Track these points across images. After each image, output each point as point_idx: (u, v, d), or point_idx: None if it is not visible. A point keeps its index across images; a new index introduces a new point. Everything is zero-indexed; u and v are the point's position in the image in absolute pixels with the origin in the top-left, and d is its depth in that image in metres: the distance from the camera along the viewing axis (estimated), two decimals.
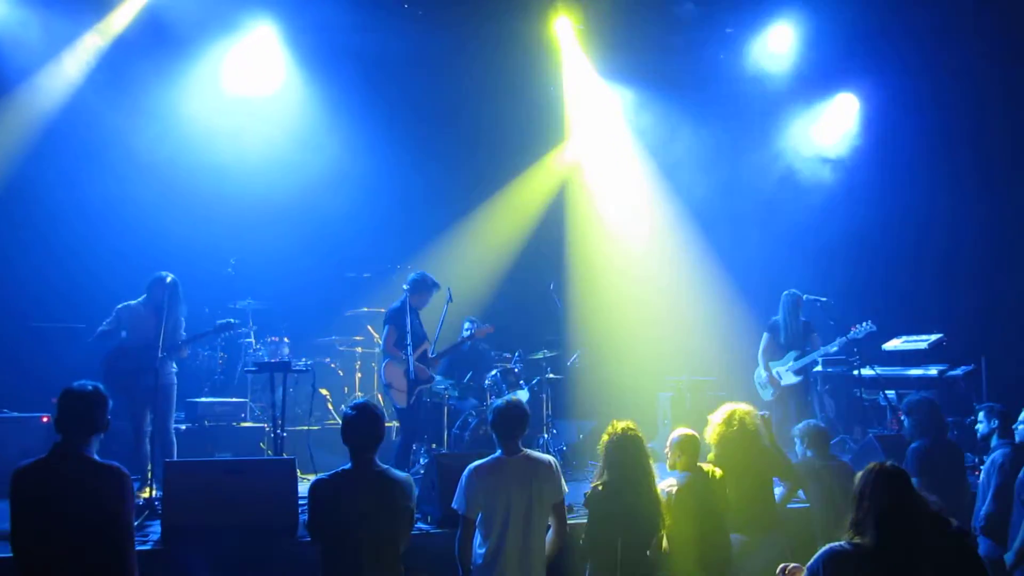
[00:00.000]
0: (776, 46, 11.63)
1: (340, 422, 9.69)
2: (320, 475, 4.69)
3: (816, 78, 11.81)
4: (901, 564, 3.68)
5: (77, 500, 4.12)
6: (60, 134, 9.82)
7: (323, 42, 10.86)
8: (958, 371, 9.57)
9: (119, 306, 7.86)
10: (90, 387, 4.37)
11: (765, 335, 9.93)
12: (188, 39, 10.38)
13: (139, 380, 7.37)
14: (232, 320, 8.35)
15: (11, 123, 9.68)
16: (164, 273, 7.85)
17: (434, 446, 9.27)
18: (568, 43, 11.70)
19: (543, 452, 6.09)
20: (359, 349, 10.80)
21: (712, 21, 11.50)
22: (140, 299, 7.90)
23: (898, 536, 3.71)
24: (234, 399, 9.75)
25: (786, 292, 9.89)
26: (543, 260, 11.53)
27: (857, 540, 3.75)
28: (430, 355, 8.45)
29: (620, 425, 5.41)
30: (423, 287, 8.46)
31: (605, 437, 5.47)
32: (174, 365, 7.98)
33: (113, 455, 4.56)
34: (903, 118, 11.28)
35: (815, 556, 3.82)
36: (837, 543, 3.80)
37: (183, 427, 8.79)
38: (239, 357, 10.36)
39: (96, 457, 4.29)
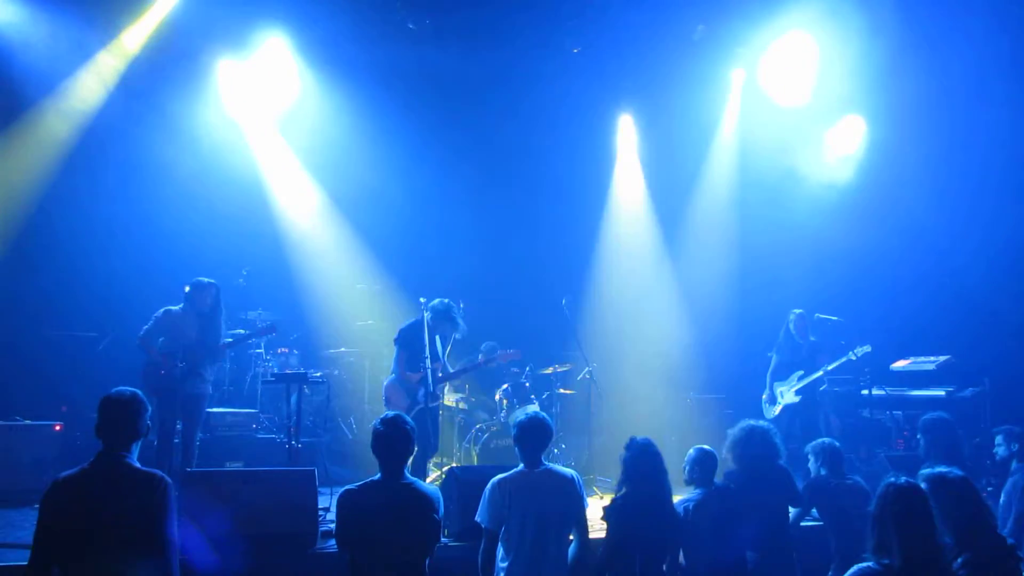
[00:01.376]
0: (784, 66, 11.69)
1: (348, 435, 9.93)
2: (349, 486, 4.71)
3: (824, 99, 11.88)
4: None
5: (119, 509, 4.09)
6: (78, 148, 9.88)
7: (335, 54, 10.90)
8: (966, 392, 9.62)
9: (160, 311, 7.83)
10: (129, 393, 4.36)
11: (774, 356, 10.01)
12: (198, 52, 10.47)
13: (175, 387, 7.38)
14: (272, 322, 8.41)
15: (33, 139, 9.76)
16: (206, 279, 7.91)
17: (444, 459, 9.33)
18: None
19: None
20: (367, 362, 10.83)
21: (721, 40, 11.60)
22: (180, 305, 7.89)
23: (923, 555, 3.74)
24: (246, 409, 9.77)
25: (793, 312, 9.97)
26: (556, 274, 11.57)
27: (886, 561, 3.77)
28: (439, 373, 8.44)
29: (639, 440, 5.46)
30: (445, 318, 8.43)
31: (624, 452, 5.51)
32: (210, 375, 8.02)
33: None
34: (910, 140, 11.34)
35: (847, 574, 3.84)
36: (866, 564, 3.82)
37: (199, 438, 8.78)
38: (248, 368, 10.39)
39: (137, 464, 4.28)
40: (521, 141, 11.78)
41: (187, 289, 7.86)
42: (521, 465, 5.20)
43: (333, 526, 4.86)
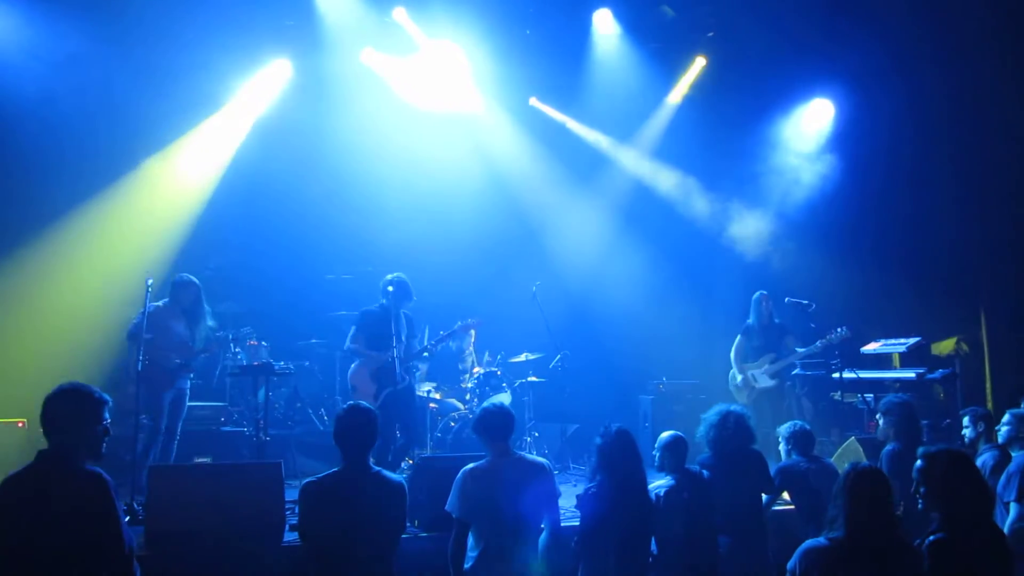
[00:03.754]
0: (754, 50, 11.68)
1: (319, 426, 9.83)
2: (311, 477, 4.63)
3: (793, 81, 11.89)
4: (872, 557, 3.81)
5: (60, 511, 3.84)
6: None
7: None
8: (936, 374, 9.67)
9: (148, 307, 7.57)
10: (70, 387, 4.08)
11: (739, 337, 10.02)
12: None
13: (169, 382, 7.37)
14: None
15: None
16: (188, 276, 7.96)
17: (416, 449, 9.25)
18: None
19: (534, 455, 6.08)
20: (338, 352, 10.70)
21: (692, 25, 11.58)
22: (163, 301, 7.89)
23: (868, 530, 3.85)
24: (213, 403, 9.64)
25: (757, 294, 9.98)
26: (525, 260, 11.50)
27: (832, 535, 3.88)
28: (402, 355, 8.35)
29: (613, 428, 5.40)
30: (403, 290, 8.41)
31: (597, 439, 5.46)
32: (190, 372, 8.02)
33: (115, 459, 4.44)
34: (878, 121, 11.38)
35: (795, 553, 3.95)
36: (814, 539, 3.96)
37: None
38: (217, 361, 10.24)
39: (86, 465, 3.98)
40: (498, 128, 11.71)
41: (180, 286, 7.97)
42: (491, 454, 5.14)
43: None
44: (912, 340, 9.99)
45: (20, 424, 8.29)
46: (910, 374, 9.75)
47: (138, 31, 9.59)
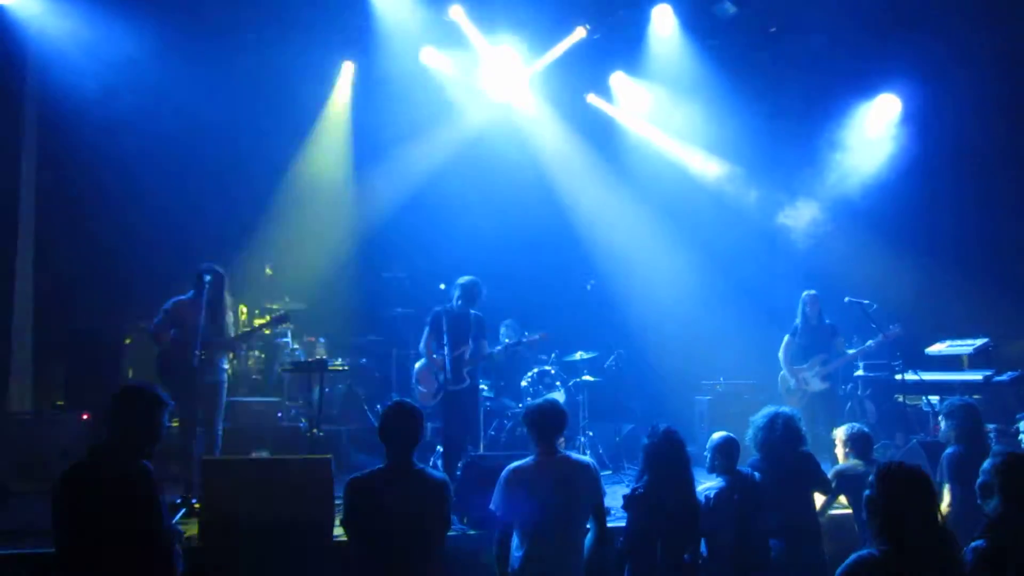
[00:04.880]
0: (817, 44, 11.45)
1: (373, 422, 9.92)
2: (356, 473, 4.66)
3: (858, 77, 11.64)
4: (925, 569, 3.57)
5: (111, 504, 4.08)
6: None
7: None
8: (1004, 377, 9.35)
9: (168, 303, 7.70)
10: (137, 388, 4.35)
11: (786, 338, 9.83)
12: None
13: (192, 376, 7.21)
14: (286, 311, 8.37)
15: None
16: (211, 264, 7.73)
17: (470, 448, 9.27)
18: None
19: (581, 454, 6.04)
20: (395, 350, 10.79)
21: (753, 22, 11.38)
22: (188, 294, 7.68)
23: (917, 542, 3.59)
24: (270, 398, 9.78)
25: (804, 294, 9.78)
26: (582, 258, 11.45)
27: (884, 547, 3.63)
28: (467, 357, 8.38)
29: (661, 427, 5.34)
30: (473, 293, 8.40)
31: (645, 439, 5.40)
32: (226, 363, 7.94)
33: (161, 454, 4.55)
34: (947, 117, 11.08)
35: (844, 564, 3.71)
36: (865, 550, 3.70)
37: (221, 427, 8.80)
38: (276, 357, 10.41)
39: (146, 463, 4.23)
40: (545, 122, 11.68)
41: (205, 277, 7.74)
42: (536, 452, 5.11)
43: None
44: (980, 341, 9.69)
45: (84, 416, 8.54)
46: (977, 376, 9.44)
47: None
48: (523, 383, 9.80)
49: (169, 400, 4.39)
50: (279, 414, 9.59)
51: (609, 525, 5.26)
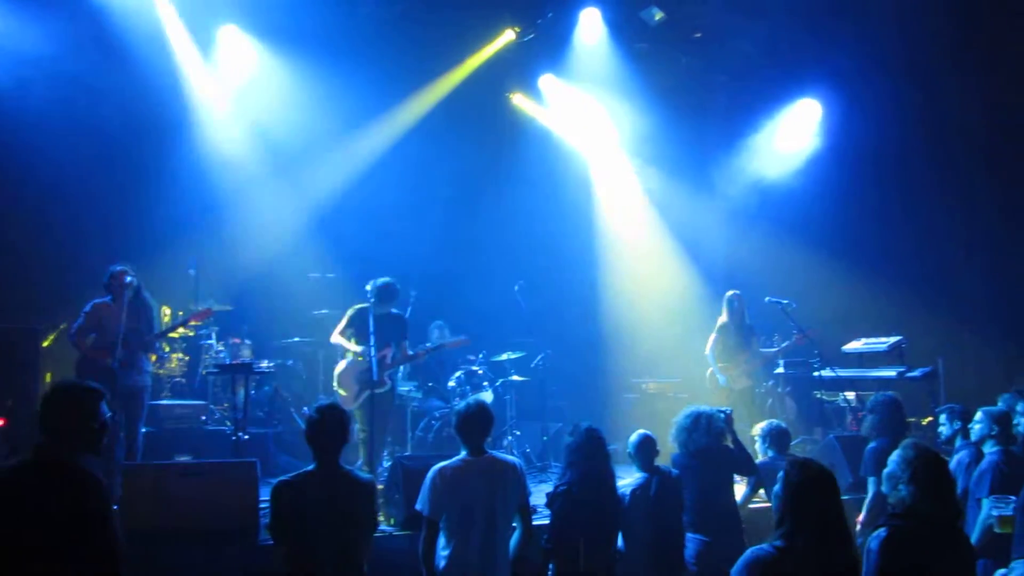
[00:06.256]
0: (740, 50, 11.70)
1: (301, 425, 9.82)
2: (283, 477, 4.63)
3: (779, 82, 11.93)
4: (819, 568, 3.56)
5: (51, 509, 3.77)
6: None
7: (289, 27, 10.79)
8: (916, 373, 9.70)
9: (88, 306, 7.57)
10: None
11: (713, 335, 10.05)
12: None
13: (113, 380, 7.01)
14: (209, 308, 8.25)
15: None
16: (124, 266, 7.60)
17: (397, 448, 9.26)
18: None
19: (508, 454, 6.09)
20: (321, 351, 10.70)
21: (679, 27, 11.58)
22: (107, 297, 7.58)
23: (812, 541, 3.56)
24: (195, 401, 9.62)
25: (729, 293, 10.01)
26: (509, 260, 11.51)
27: (779, 543, 3.60)
28: (388, 360, 8.35)
29: (583, 426, 5.43)
30: (387, 293, 8.39)
31: (568, 437, 5.49)
32: (149, 366, 7.83)
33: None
34: (864, 123, 11.42)
35: (739, 560, 3.65)
36: (759, 547, 3.66)
37: (142, 431, 8.63)
38: (199, 359, 10.23)
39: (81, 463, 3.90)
40: (473, 123, 11.70)
41: (126, 279, 7.57)
42: (464, 453, 5.14)
43: None
44: (893, 339, 10.02)
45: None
46: (891, 372, 9.78)
47: None
48: (451, 383, 9.82)
49: (101, 388, 4.10)
50: (203, 417, 9.43)
51: (535, 523, 5.32)
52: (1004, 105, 10.28)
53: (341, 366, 8.57)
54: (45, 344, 9.53)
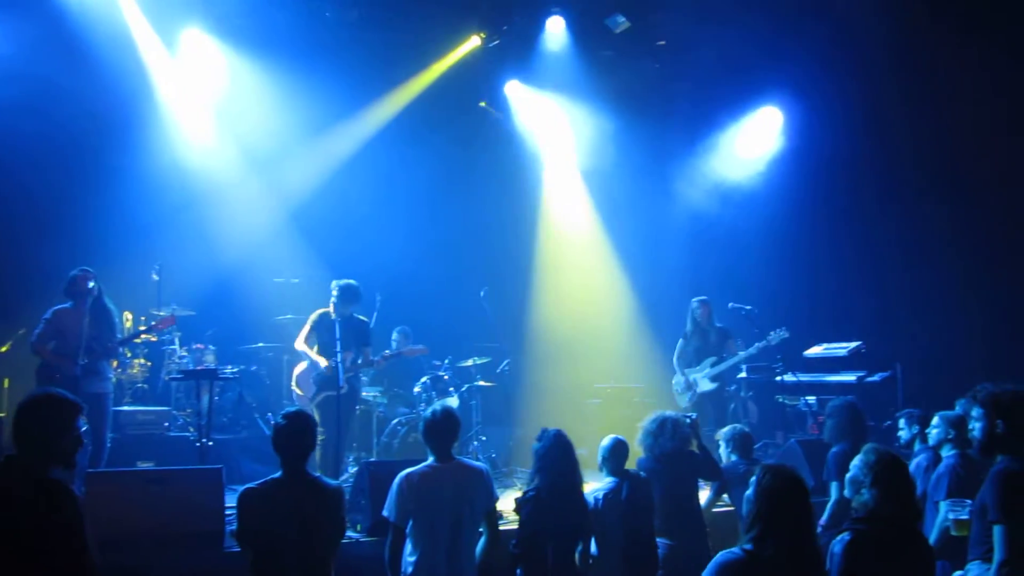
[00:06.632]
0: (703, 58, 11.82)
1: (265, 431, 9.77)
2: (250, 484, 4.61)
3: (741, 90, 12.07)
4: (790, 571, 3.63)
5: (21, 520, 3.72)
6: None
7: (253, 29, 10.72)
8: (875, 377, 9.87)
9: (48, 312, 7.46)
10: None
11: (680, 342, 10.16)
12: None
13: (75, 388, 6.77)
14: (172, 316, 8.17)
15: None
16: (85, 271, 7.52)
17: (362, 454, 9.23)
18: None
19: (474, 459, 6.11)
20: (286, 356, 10.63)
21: (643, 35, 11.68)
22: (68, 303, 7.48)
23: (783, 545, 3.62)
24: (158, 408, 9.52)
25: (694, 299, 10.13)
26: (474, 266, 11.54)
27: (749, 547, 3.66)
28: (348, 364, 8.31)
29: (551, 431, 5.47)
30: (349, 295, 8.37)
31: (535, 443, 5.52)
32: (112, 372, 7.75)
33: None
34: (823, 130, 11.59)
35: (710, 564, 3.69)
36: (729, 551, 3.71)
37: (109, 437, 8.52)
38: (162, 365, 10.13)
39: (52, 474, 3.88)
40: (440, 129, 11.71)
41: (87, 283, 7.47)
42: (431, 459, 5.15)
43: None
44: (853, 344, 10.19)
45: None
46: (851, 377, 9.95)
47: None
48: (416, 389, 9.81)
49: (80, 403, 4.09)
50: (166, 423, 9.34)
51: (502, 528, 5.34)
52: (950, 112, 10.47)
53: (301, 367, 8.63)
54: (3, 350, 9.40)
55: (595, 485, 5.86)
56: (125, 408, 9.21)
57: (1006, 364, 8.98)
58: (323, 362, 8.23)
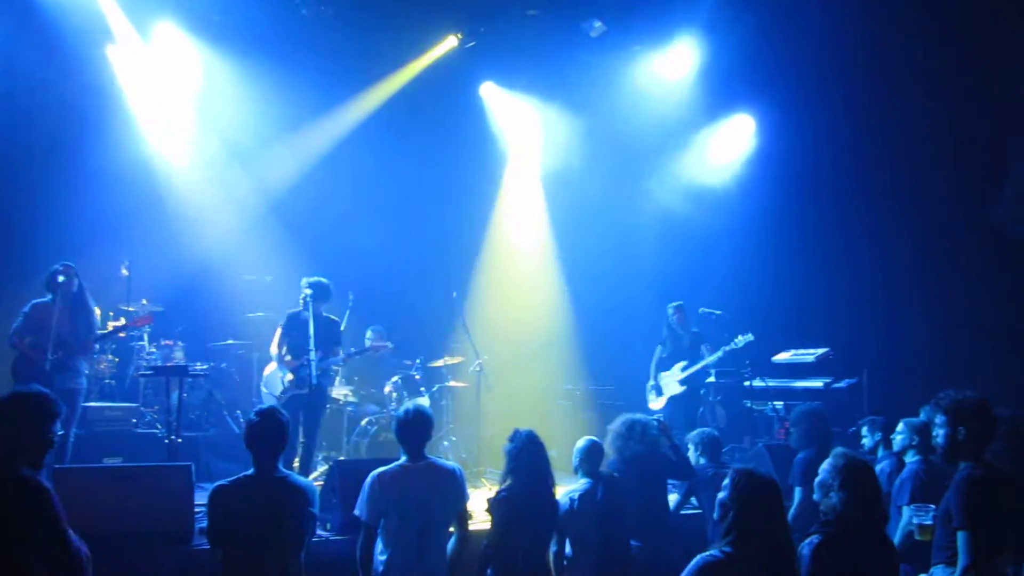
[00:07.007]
0: (678, 64, 11.91)
1: (235, 429, 9.72)
2: (221, 481, 4.60)
3: (714, 97, 12.16)
4: (766, 572, 3.73)
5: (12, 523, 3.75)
6: None
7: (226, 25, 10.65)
8: (842, 383, 10.00)
9: (27, 306, 7.40)
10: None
11: (658, 348, 10.26)
12: None
13: (47, 382, 6.67)
14: (150, 315, 8.11)
15: None
16: (67, 266, 7.47)
17: (332, 453, 9.21)
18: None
19: (446, 459, 6.12)
20: (256, 354, 10.58)
21: (619, 39, 11.73)
22: (47, 297, 7.43)
23: (759, 546, 3.75)
24: (125, 404, 9.44)
25: (670, 305, 10.21)
26: (446, 267, 11.55)
27: (728, 549, 3.76)
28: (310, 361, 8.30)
29: (523, 432, 5.50)
30: (321, 292, 8.35)
31: (507, 443, 5.55)
32: (86, 368, 7.69)
33: None
34: (796, 138, 11.71)
35: (689, 566, 3.80)
36: (708, 552, 3.82)
37: (73, 433, 8.42)
38: (131, 361, 10.04)
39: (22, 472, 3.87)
40: (415, 129, 11.71)
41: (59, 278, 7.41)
42: (403, 458, 5.16)
43: None
44: (821, 350, 10.31)
45: None
46: (817, 383, 10.07)
47: None
48: (387, 389, 9.81)
49: (60, 407, 4.10)
50: (134, 420, 9.26)
51: (473, 528, 5.36)
52: (921, 119, 10.62)
53: (271, 367, 8.67)
54: None
55: (567, 487, 5.89)
56: (92, 404, 9.09)
57: (969, 371, 9.11)
58: (292, 363, 8.22)
